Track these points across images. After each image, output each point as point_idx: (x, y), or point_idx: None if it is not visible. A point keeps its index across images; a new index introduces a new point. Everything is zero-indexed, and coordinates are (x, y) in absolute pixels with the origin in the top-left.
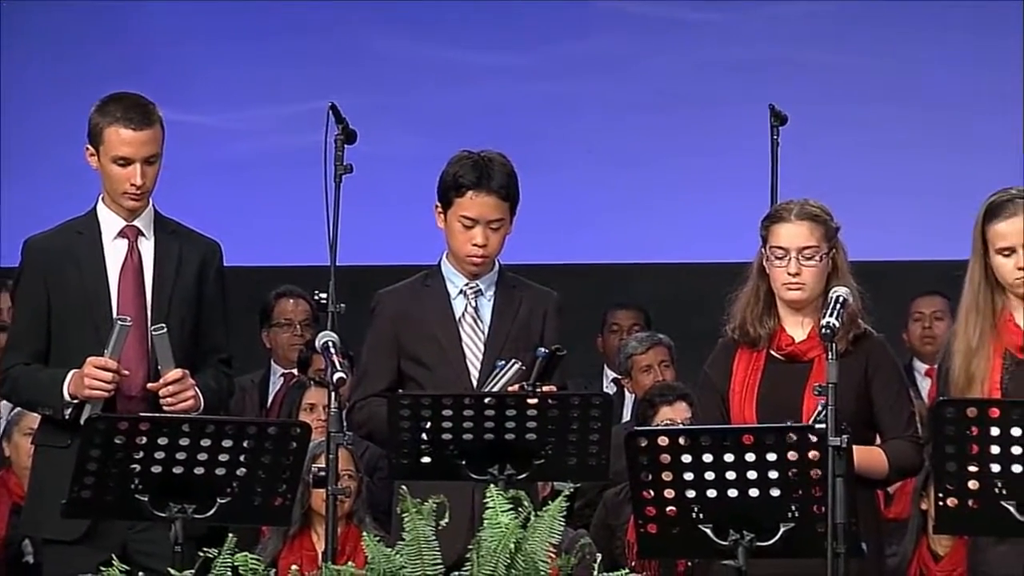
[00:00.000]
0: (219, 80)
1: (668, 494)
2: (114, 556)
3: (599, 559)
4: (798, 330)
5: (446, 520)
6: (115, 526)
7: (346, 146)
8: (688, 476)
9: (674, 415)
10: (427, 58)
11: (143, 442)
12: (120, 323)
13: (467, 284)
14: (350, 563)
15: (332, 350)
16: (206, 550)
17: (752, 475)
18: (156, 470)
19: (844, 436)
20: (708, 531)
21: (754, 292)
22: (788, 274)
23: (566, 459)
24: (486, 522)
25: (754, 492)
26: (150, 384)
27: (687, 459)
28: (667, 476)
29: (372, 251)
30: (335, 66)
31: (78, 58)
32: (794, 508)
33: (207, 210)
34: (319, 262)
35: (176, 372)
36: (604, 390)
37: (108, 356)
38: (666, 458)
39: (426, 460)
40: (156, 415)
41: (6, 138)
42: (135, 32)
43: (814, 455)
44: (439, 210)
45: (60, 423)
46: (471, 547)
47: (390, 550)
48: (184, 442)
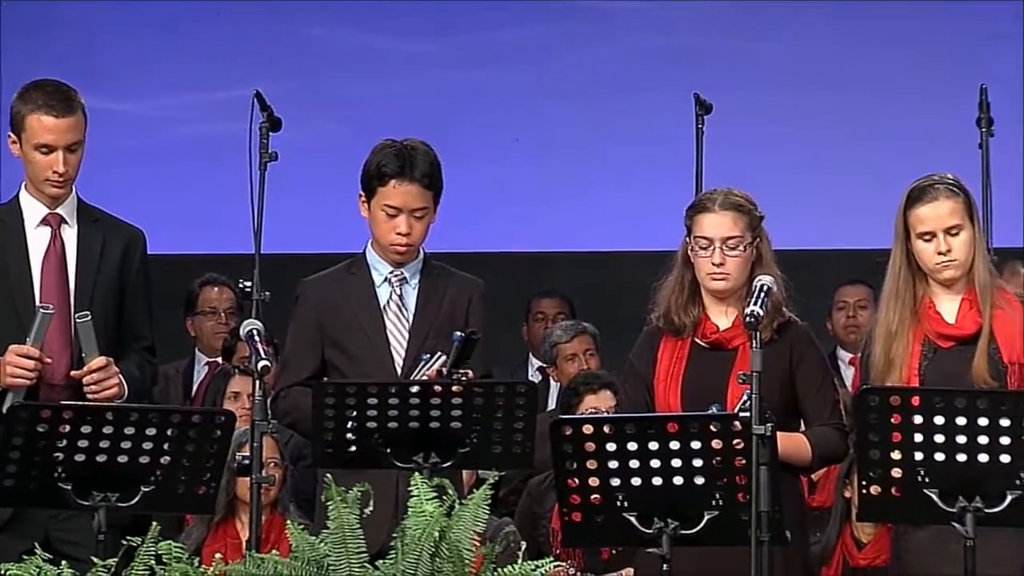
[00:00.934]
0: (143, 67)
1: (593, 482)
2: (37, 545)
3: (523, 547)
4: (722, 319)
5: (370, 508)
6: (38, 515)
7: (271, 134)
8: (613, 464)
9: (599, 403)
10: (353, 46)
11: (66, 430)
12: (43, 311)
13: (392, 272)
14: (274, 551)
15: (256, 338)
16: (130, 539)
17: (676, 463)
18: (79, 458)
19: (768, 424)
20: (632, 519)
21: (679, 281)
22: (712, 264)
23: (491, 447)
24: (410, 510)
25: (678, 480)
26: (74, 372)
27: (612, 447)
28: (592, 464)
29: (297, 239)
30: (260, 54)
31: (1, 47)
32: (718, 496)
33: (131, 198)
34: (243, 250)
35: (100, 360)
36: (529, 378)
37: (31, 344)
38: (591, 446)
39: (351, 448)
40: (79, 403)
41: None
42: (58, 20)
43: (738, 443)
44: (363, 199)
45: None
46: (395, 535)
47: (314, 538)
48: (108, 430)
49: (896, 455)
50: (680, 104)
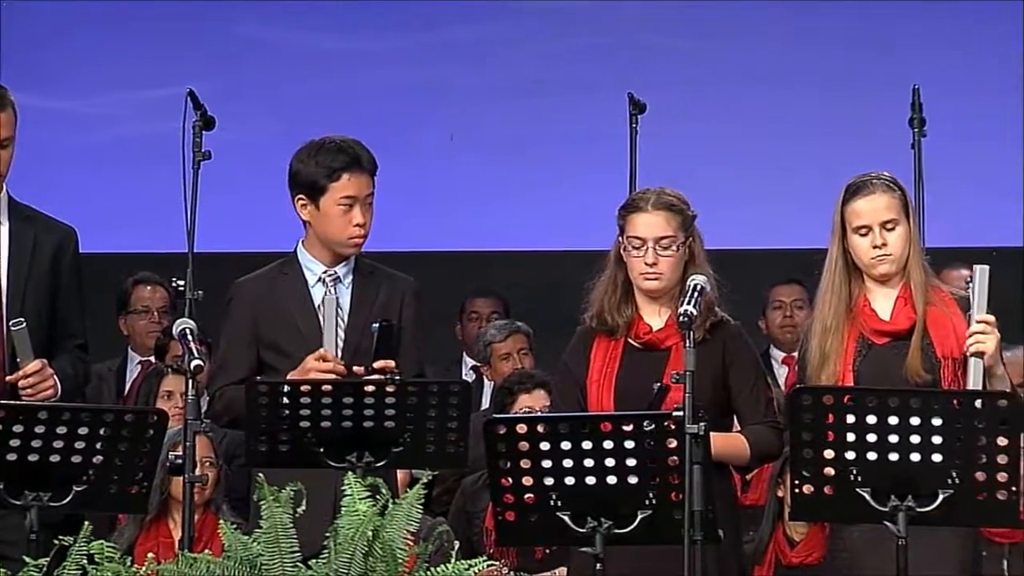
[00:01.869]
0: (75, 65)
1: (526, 481)
2: None
3: (457, 546)
4: (655, 318)
5: (303, 508)
6: None
7: (204, 132)
8: (546, 464)
9: (532, 403)
10: (286, 44)
11: None
12: (14, 328)
13: (325, 272)
14: (207, 551)
15: (189, 337)
16: (62, 538)
17: (610, 462)
18: (11, 458)
19: (701, 423)
20: (566, 518)
21: (612, 281)
22: (646, 264)
23: (424, 446)
24: (344, 510)
25: (612, 479)
26: (8, 376)
27: (545, 447)
28: (525, 464)
29: (231, 238)
30: (193, 52)
31: None
32: (651, 495)
33: (64, 196)
34: (177, 249)
35: (35, 364)
36: (463, 378)
37: (20, 362)
38: (524, 446)
39: (284, 448)
40: (12, 402)
41: None
42: None
43: (671, 442)
44: (303, 202)
45: None
46: (329, 534)
47: (247, 538)
48: (40, 429)
49: (829, 454)
50: (614, 103)
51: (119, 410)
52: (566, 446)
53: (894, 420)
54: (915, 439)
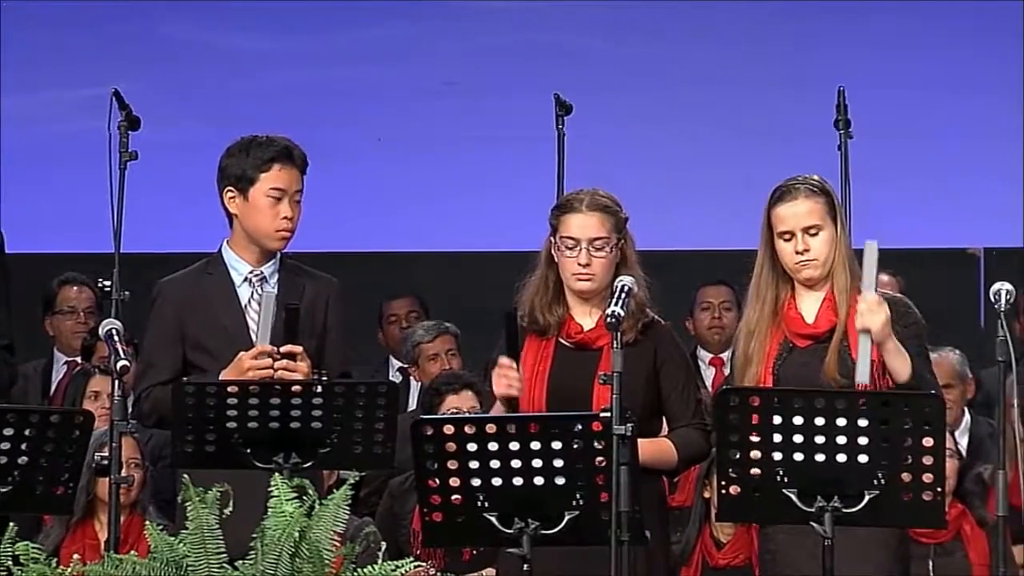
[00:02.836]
0: (1, 64)
1: (454, 483)
2: None
3: (384, 547)
4: (587, 319)
5: (229, 509)
6: None
7: (130, 132)
8: (473, 464)
9: (460, 404)
10: (212, 44)
11: None
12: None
13: (251, 271)
14: (133, 552)
15: (116, 338)
16: None
17: (538, 463)
18: None
19: (629, 424)
20: (493, 519)
21: (543, 281)
22: (579, 264)
23: (351, 447)
24: (270, 511)
25: (539, 480)
26: None
27: (473, 447)
28: (452, 464)
29: (157, 238)
30: (119, 52)
31: None
32: (579, 496)
33: None
34: (103, 249)
35: None
36: (390, 379)
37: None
38: (452, 446)
39: (211, 448)
40: None
41: None
42: None
43: (600, 443)
44: (232, 195)
45: None
46: (255, 535)
47: (173, 539)
48: None
49: (755, 455)
50: (541, 104)
51: (45, 411)
52: (493, 447)
53: (820, 421)
54: (841, 440)
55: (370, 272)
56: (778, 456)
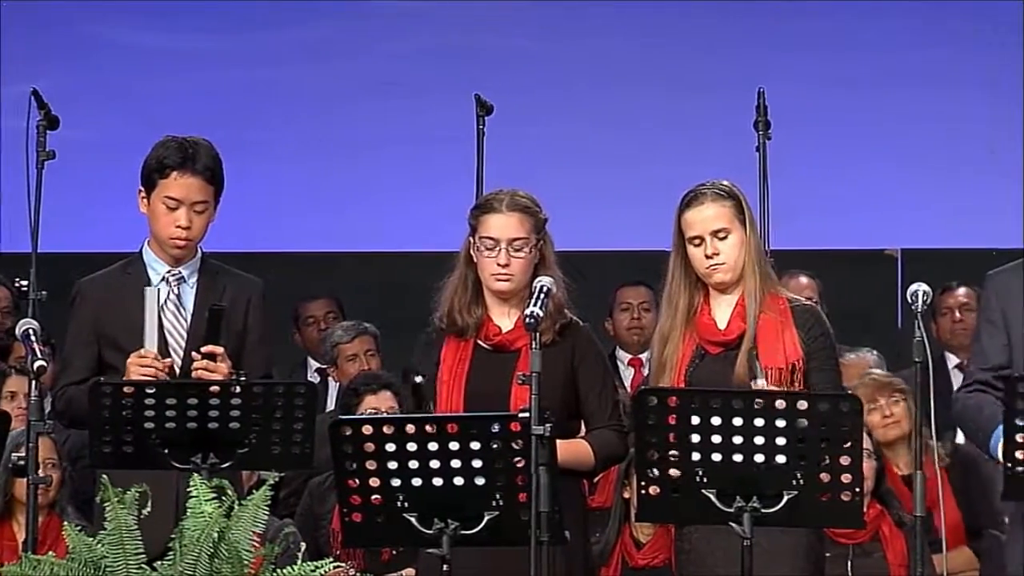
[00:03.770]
0: None
1: (373, 483)
2: None
3: (303, 548)
4: (505, 320)
5: (148, 509)
6: None
7: (48, 132)
8: (392, 465)
9: (379, 404)
10: (136, 44)
11: None
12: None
13: (169, 271)
14: (51, 553)
15: (33, 338)
16: None
17: (456, 464)
18: None
19: (547, 425)
20: (413, 519)
21: (462, 281)
22: (498, 264)
23: (270, 448)
24: (189, 511)
25: (459, 481)
26: None
27: (392, 448)
28: (372, 465)
29: (76, 238)
30: (38, 50)
31: None
32: (498, 496)
33: None
34: (20, 249)
35: None
36: (308, 379)
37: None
38: (371, 447)
39: (128, 449)
40: None
41: None
42: None
43: (518, 444)
44: (142, 195)
45: None
46: (174, 536)
47: (92, 539)
48: None
49: (674, 455)
50: (461, 105)
51: None
52: (412, 447)
53: (738, 421)
54: (759, 440)
55: (290, 272)
56: (697, 456)
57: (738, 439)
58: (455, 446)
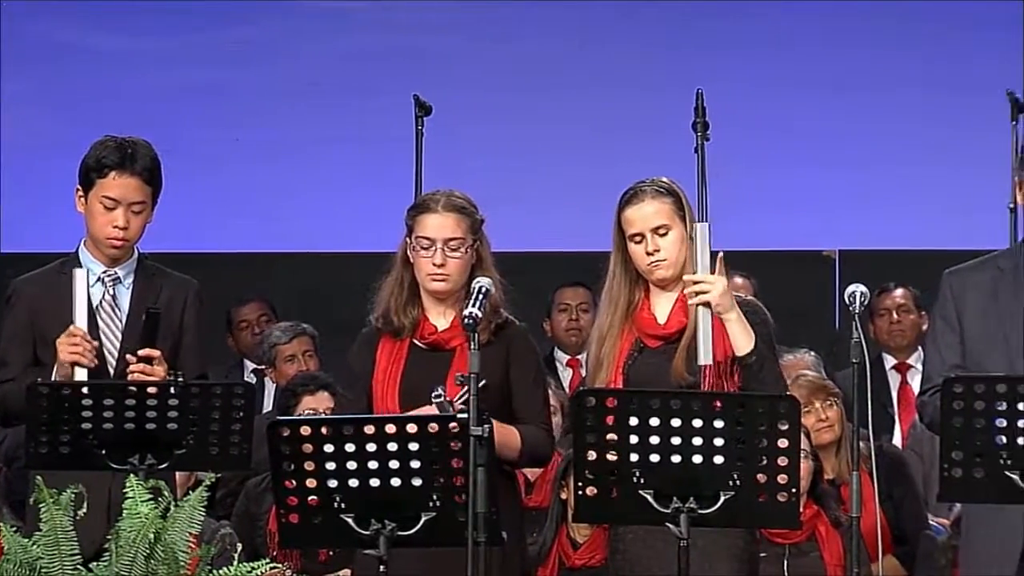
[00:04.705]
0: None
1: (310, 484)
2: None
3: (240, 549)
4: (441, 320)
5: (84, 510)
6: None
7: None
8: (330, 466)
9: (316, 405)
10: (72, 44)
11: None
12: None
13: (105, 272)
14: None
15: None
16: None
17: (394, 464)
18: None
19: (485, 426)
20: (350, 520)
21: (398, 281)
22: (434, 264)
23: (208, 449)
24: (125, 512)
25: (396, 481)
26: None
27: (329, 448)
28: (309, 466)
29: (10, 238)
30: None
31: None
32: (435, 497)
33: None
34: None
35: None
36: (245, 380)
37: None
38: (308, 447)
39: (65, 449)
40: None
41: None
42: None
43: (456, 445)
44: (80, 194)
45: None
46: (110, 537)
47: (27, 540)
48: None
49: (611, 456)
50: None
51: None
52: (350, 448)
53: (677, 422)
54: (697, 441)
55: (227, 273)
56: (635, 457)
57: (676, 439)
58: (393, 447)
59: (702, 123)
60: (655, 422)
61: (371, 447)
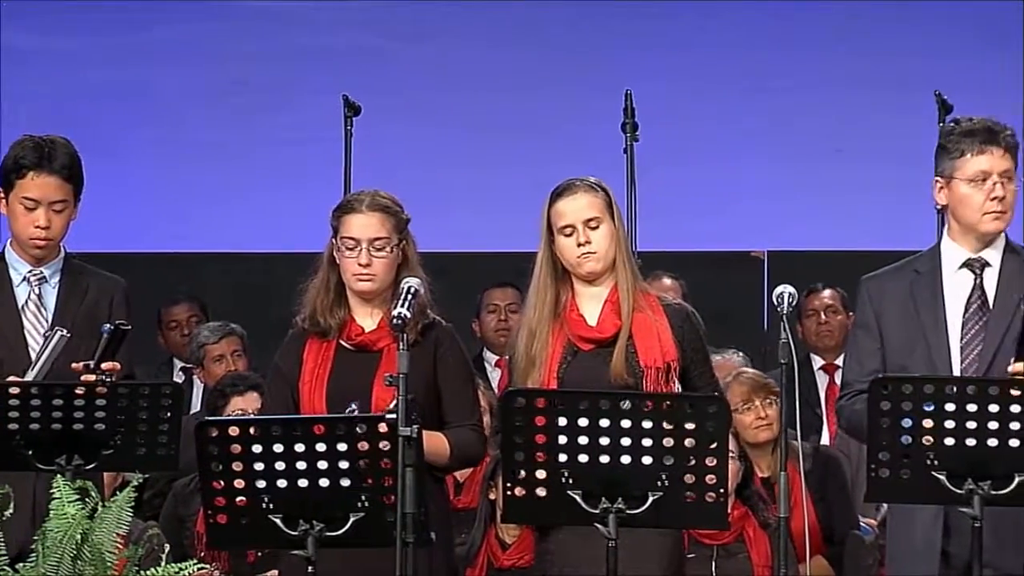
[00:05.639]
0: None
1: (238, 484)
2: None
3: (168, 550)
4: (368, 320)
5: (11, 511)
6: None
7: None
8: (259, 466)
9: (245, 405)
10: None
11: None
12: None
13: (31, 271)
14: None
15: None
16: None
17: (323, 465)
18: None
19: (414, 426)
20: (278, 521)
21: (324, 282)
22: (359, 265)
23: (135, 449)
24: (52, 513)
25: (324, 482)
26: None
27: (258, 449)
28: (237, 466)
29: None
30: None
31: None
32: (364, 498)
33: None
34: None
35: None
36: (174, 379)
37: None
38: (237, 448)
39: None
40: None
41: None
42: None
43: (385, 445)
44: (1, 195)
45: None
46: (36, 537)
47: None
48: None
49: (540, 456)
50: (329, 105)
51: None
52: (278, 448)
53: (605, 423)
54: (626, 441)
55: (155, 273)
56: (563, 458)
57: (605, 440)
58: (322, 447)
59: (631, 124)
60: (584, 422)
61: (300, 447)
